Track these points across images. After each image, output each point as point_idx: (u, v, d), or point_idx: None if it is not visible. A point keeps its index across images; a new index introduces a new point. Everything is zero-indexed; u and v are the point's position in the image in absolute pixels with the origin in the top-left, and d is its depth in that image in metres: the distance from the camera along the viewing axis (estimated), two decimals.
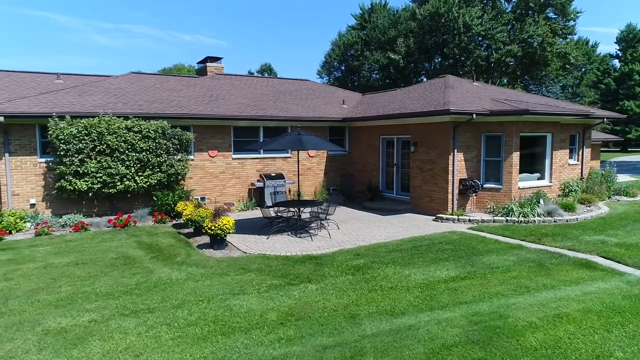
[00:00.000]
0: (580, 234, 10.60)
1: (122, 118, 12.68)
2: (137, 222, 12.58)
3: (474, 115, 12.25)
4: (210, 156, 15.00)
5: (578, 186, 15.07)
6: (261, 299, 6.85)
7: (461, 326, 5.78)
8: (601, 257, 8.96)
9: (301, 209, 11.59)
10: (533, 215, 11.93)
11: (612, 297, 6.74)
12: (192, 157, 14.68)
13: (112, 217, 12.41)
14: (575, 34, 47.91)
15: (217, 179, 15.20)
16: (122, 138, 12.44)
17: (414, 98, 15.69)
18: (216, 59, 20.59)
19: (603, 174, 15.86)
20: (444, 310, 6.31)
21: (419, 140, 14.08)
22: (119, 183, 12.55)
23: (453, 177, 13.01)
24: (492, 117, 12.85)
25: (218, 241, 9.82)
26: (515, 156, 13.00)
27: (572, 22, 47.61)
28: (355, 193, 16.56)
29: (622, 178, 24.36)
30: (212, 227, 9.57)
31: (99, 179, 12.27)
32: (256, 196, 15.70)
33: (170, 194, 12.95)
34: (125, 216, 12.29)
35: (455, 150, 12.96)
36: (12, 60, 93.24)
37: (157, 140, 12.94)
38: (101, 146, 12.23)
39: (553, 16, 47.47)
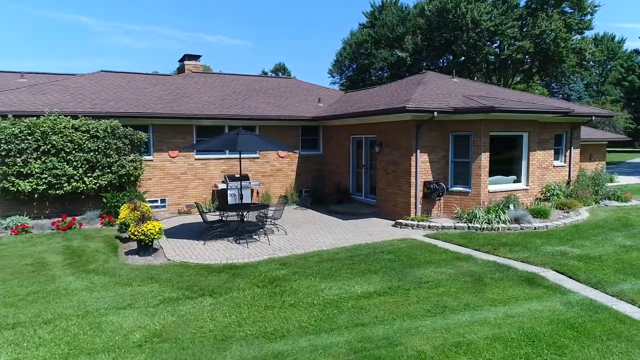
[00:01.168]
0: (543, 244, 9.59)
1: (69, 117, 12.26)
2: (85, 224, 12.15)
3: (435, 113, 11.32)
4: (170, 156, 14.48)
5: (561, 190, 13.91)
6: (142, 315, 6.20)
7: (338, 355, 5.00)
8: (554, 270, 8.00)
9: (245, 213, 10.91)
10: (498, 222, 10.94)
11: (537, 321, 5.83)
12: (150, 157, 14.19)
13: (58, 220, 12.00)
14: (592, 29, 45.73)
15: (179, 180, 14.67)
16: (68, 138, 12.02)
17: (386, 95, 14.81)
18: (195, 57, 20.14)
19: (593, 177, 14.62)
20: (331, 334, 5.53)
21: (383, 141, 13.22)
22: (66, 184, 12.13)
23: (416, 179, 12.11)
24: (457, 115, 11.90)
25: (143, 247, 9.23)
26: (484, 157, 12.00)
27: (588, 17, 45.46)
28: (326, 195, 15.79)
29: (629, 180, 22.83)
30: (136, 233, 9.00)
31: (44, 180, 11.88)
32: (220, 198, 15.11)
33: (120, 196, 12.47)
34: (70, 219, 11.87)
35: (418, 151, 12.05)
36: (46, 63, 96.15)
37: (106, 140, 12.47)
38: (45, 146, 11.83)
39: (569, 10, 45.44)
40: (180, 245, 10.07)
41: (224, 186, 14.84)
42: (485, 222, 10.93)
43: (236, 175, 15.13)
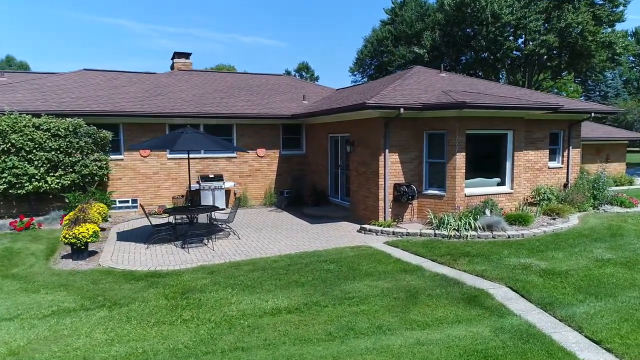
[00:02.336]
0: (509, 255, 8.56)
1: (30, 116, 12.05)
2: (46, 225, 11.92)
3: (401, 109, 10.41)
4: (142, 156, 14.14)
5: (553, 194, 12.66)
6: (19, 328, 5.71)
7: None
8: (508, 287, 7.04)
9: (196, 216, 10.36)
10: (467, 229, 9.93)
11: (448, 351, 4.96)
12: (121, 156, 13.89)
13: (16, 220, 11.82)
14: (623, 21, 42.85)
15: (151, 180, 14.31)
16: (29, 137, 11.81)
17: (365, 92, 13.94)
18: (185, 55, 19.80)
19: (594, 180, 13.25)
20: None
21: (355, 139, 12.39)
22: (27, 184, 11.94)
23: (385, 181, 11.23)
24: (429, 112, 10.94)
25: (76, 251, 8.82)
26: (460, 158, 10.98)
27: (620, 8, 42.66)
28: (305, 197, 15.06)
29: None
30: (67, 236, 8.58)
31: (4, 179, 11.72)
32: (194, 199, 14.64)
33: (82, 196, 12.18)
34: (27, 219, 11.66)
35: (387, 151, 11.16)
36: (89, 65, 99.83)
37: (67, 139, 12.21)
38: (5, 145, 11.65)
39: (599, 2, 42.80)
40: (123, 249, 9.62)
41: (196, 186, 14.37)
42: (454, 229, 9.94)
43: (210, 176, 14.63)
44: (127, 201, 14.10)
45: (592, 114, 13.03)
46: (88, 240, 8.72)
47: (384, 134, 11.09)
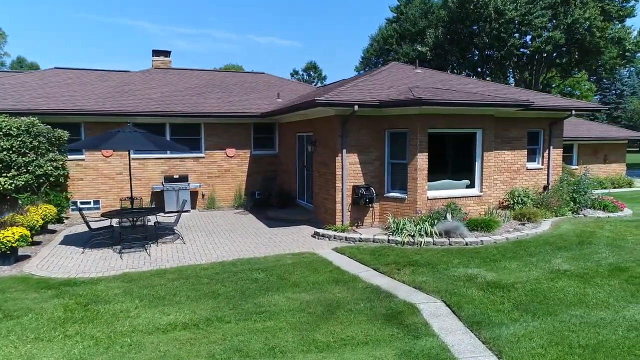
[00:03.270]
0: (459, 265, 7.85)
1: None
2: None
3: (356, 106, 9.75)
4: (104, 156, 13.74)
5: (528, 196, 11.83)
6: None
7: None
8: (443, 301, 6.39)
9: (138, 219, 9.85)
10: (421, 235, 9.23)
11: None
12: (82, 157, 13.51)
13: None
14: (634, 16, 41.23)
15: (114, 181, 13.89)
16: None
17: (335, 88, 13.30)
18: (164, 53, 19.40)
19: (575, 182, 12.37)
20: None
21: (317, 139, 11.78)
22: None
23: (342, 183, 10.58)
24: (391, 110, 10.26)
25: (2, 256, 8.38)
26: (421, 158, 10.28)
27: (631, 2, 41.09)
28: (273, 198, 14.48)
29: None
30: None
31: None
32: (158, 200, 14.20)
33: (35, 198, 11.80)
34: None
35: (344, 151, 10.51)
36: (110, 66, 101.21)
37: (20, 139, 11.82)
38: None
39: None
40: (59, 254, 9.17)
41: (160, 188, 13.91)
42: (409, 235, 9.25)
43: (175, 176, 14.16)
44: (89, 202, 13.71)
45: (573, 112, 12.14)
46: (14, 244, 8.27)
47: (341, 132, 10.45)
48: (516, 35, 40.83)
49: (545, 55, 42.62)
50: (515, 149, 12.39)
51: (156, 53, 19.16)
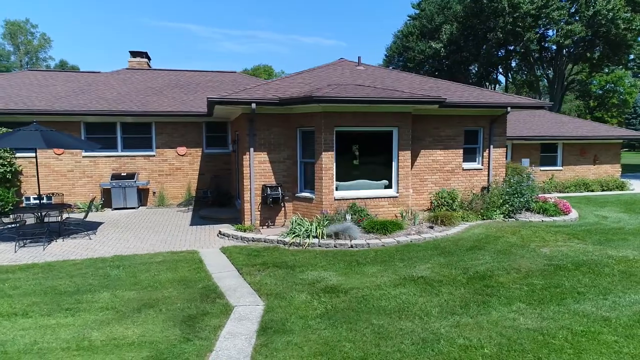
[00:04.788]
0: (319, 268, 7.60)
1: None
2: None
3: (253, 104, 9.59)
4: (56, 154, 14.29)
5: (454, 199, 11.20)
6: None
7: None
8: (264, 304, 6.15)
9: (45, 214, 10.18)
10: (306, 236, 8.96)
11: None
12: (33, 154, 14.11)
13: None
14: None
15: (65, 178, 14.43)
16: None
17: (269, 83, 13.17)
18: (140, 54, 20.00)
19: (511, 183, 11.56)
20: None
21: (239, 137, 11.71)
22: None
23: (250, 182, 10.47)
24: (301, 108, 10.03)
25: None
26: (327, 157, 9.99)
27: None
28: (210, 198, 14.51)
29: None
30: None
31: None
32: (107, 197, 14.61)
33: None
34: None
35: (252, 149, 10.39)
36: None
37: None
38: None
39: None
40: None
41: (108, 185, 14.31)
42: (297, 236, 9.02)
43: (122, 174, 14.53)
44: (42, 198, 14.30)
45: (508, 109, 11.36)
46: None
47: (249, 131, 10.33)
48: (536, 29, 38.86)
49: (570, 49, 40.36)
50: (449, 148, 11.79)
51: (133, 54, 19.76)
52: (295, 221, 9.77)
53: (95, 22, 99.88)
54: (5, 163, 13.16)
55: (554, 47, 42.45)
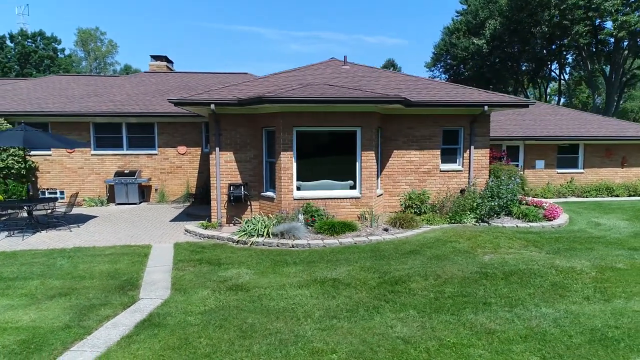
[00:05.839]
0: (244, 266, 7.73)
1: None
2: None
3: (212, 105, 9.88)
4: (67, 152, 15.49)
5: (423, 201, 10.80)
6: None
7: None
8: (169, 298, 6.40)
9: (32, 208, 11.11)
10: (252, 235, 9.09)
11: None
12: (49, 152, 15.39)
13: None
14: None
15: (76, 174, 15.61)
16: None
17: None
18: (160, 58, 21.13)
19: (492, 186, 10.95)
20: None
21: (210, 137, 12.04)
22: None
23: (217, 181, 10.79)
24: (265, 107, 10.16)
25: None
26: (286, 157, 10.07)
27: None
28: (206, 195, 15.00)
29: None
30: None
31: None
32: (111, 193, 15.61)
33: None
34: None
35: (218, 149, 10.70)
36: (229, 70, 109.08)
37: None
38: None
39: None
40: None
41: (112, 182, 15.29)
42: (245, 234, 9.19)
43: (125, 172, 15.45)
44: (55, 192, 15.58)
45: (486, 107, 10.73)
46: None
47: (215, 131, 10.65)
48: (586, 22, 36.09)
49: (629, 42, 37.11)
50: (425, 148, 11.40)
51: (153, 58, 20.87)
52: (249, 220, 9.95)
53: (165, 29, 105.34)
54: (20, 160, 14.47)
55: (612, 39, 39.21)
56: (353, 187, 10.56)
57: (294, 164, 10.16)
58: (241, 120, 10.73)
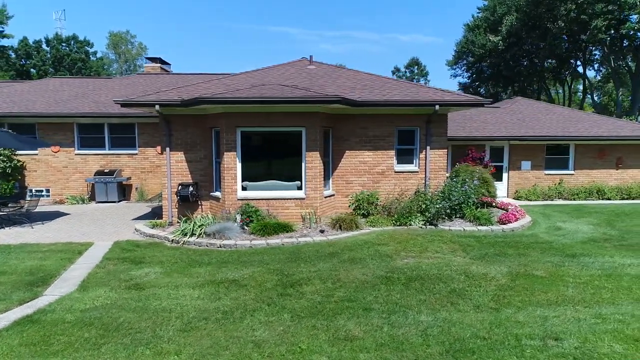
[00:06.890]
0: (160, 264, 7.83)
1: None
2: None
3: (157, 106, 10.05)
4: (52, 152, 16.11)
5: (372, 202, 10.58)
6: None
7: None
8: (64, 296, 6.58)
9: None
10: (186, 234, 9.18)
11: None
12: (36, 152, 16.06)
13: None
14: None
15: (60, 173, 16.21)
16: None
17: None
18: (155, 60, 21.63)
19: (444, 188, 10.60)
20: None
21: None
22: None
23: (168, 180, 10.96)
24: (212, 108, 10.24)
25: None
26: (229, 157, 10.12)
27: None
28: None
29: None
30: None
31: None
32: (93, 191, 16.12)
33: None
34: None
35: (169, 149, 10.88)
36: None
37: None
38: None
39: None
40: None
41: (93, 180, 15.79)
42: (179, 234, 9.30)
43: (105, 171, 15.92)
44: (42, 190, 16.24)
45: (437, 107, 10.37)
46: None
47: (165, 131, 10.83)
48: (607, 16, 34.37)
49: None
50: (379, 149, 11.18)
51: (149, 60, 21.41)
52: (187, 219, 10.04)
53: (197, 29, 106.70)
54: (6, 159, 15.17)
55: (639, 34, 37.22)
56: (300, 188, 10.49)
57: (239, 164, 10.19)
58: (191, 121, 10.85)
